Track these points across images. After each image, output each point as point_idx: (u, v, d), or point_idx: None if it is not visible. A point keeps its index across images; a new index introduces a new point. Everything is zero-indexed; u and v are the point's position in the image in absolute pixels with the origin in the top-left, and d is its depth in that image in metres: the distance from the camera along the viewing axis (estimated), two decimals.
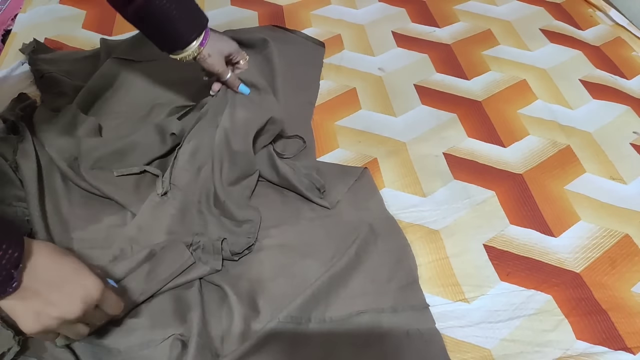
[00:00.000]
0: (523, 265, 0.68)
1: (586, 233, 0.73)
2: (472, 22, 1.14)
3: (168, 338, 0.55)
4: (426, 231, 0.71)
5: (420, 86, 0.95)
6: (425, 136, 0.85)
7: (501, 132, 0.87)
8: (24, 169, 0.68)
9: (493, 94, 0.95)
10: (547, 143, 0.86)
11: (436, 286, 0.65)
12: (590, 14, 1.22)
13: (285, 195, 0.73)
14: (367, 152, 0.81)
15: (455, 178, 0.78)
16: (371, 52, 1.02)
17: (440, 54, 1.03)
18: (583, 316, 0.63)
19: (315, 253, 0.66)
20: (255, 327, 0.58)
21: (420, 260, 0.67)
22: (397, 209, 0.73)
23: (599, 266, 0.69)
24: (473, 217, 0.73)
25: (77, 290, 0.45)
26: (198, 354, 0.53)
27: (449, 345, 0.59)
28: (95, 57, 0.91)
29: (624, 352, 0.60)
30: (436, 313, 0.62)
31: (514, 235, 0.72)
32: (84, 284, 0.46)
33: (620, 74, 1.04)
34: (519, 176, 0.80)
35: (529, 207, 0.75)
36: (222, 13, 1.08)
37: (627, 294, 0.66)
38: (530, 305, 0.64)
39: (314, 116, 0.86)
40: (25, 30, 0.96)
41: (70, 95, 0.81)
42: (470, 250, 0.69)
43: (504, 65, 1.02)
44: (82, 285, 0.46)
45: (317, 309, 0.60)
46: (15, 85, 0.84)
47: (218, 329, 0.57)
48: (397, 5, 1.16)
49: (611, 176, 0.82)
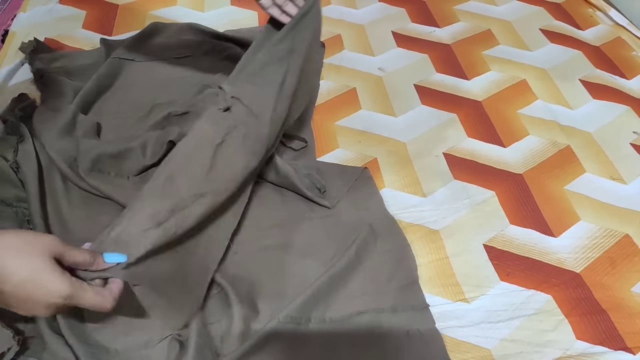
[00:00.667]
0: (523, 265, 0.68)
1: (586, 233, 0.73)
2: (472, 22, 1.14)
3: (166, 338, 0.54)
4: (426, 231, 0.71)
5: (420, 86, 0.95)
6: (425, 136, 0.85)
7: (501, 132, 0.87)
8: (25, 169, 0.68)
9: (493, 94, 0.95)
10: (547, 143, 0.86)
11: (436, 286, 0.65)
12: (590, 14, 1.22)
13: (285, 195, 0.73)
14: (367, 152, 0.81)
15: (455, 178, 0.78)
16: (371, 52, 1.02)
17: (440, 54, 1.03)
18: (583, 316, 0.63)
19: (315, 253, 0.66)
20: (255, 327, 0.58)
21: (420, 260, 0.67)
22: (397, 209, 0.73)
23: (599, 266, 0.69)
24: (473, 217, 0.73)
25: (38, 297, 0.42)
26: (198, 354, 0.53)
27: (449, 345, 0.59)
28: (95, 57, 0.91)
29: (624, 352, 0.60)
30: (436, 313, 0.62)
31: (514, 235, 0.72)
32: (46, 291, 0.42)
33: (620, 74, 1.04)
34: (519, 176, 0.80)
35: (529, 207, 0.75)
36: (222, 13, 1.09)
37: (627, 294, 0.66)
38: (530, 305, 0.64)
39: (314, 116, 0.86)
40: (25, 30, 0.96)
41: (70, 95, 0.81)
42: (470, 250, 0.69)
43: (504, 65, 1.02)
44: (43, 293, 0.42)
45: (317, 309, 0.60)
46: (15, 85, 0.84)
47: (218, 329, 0.57)
48: (397, 5, 1.16)
49: (611, 176, 0.82)
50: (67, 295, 0.43)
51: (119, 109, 0.82)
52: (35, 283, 0.42)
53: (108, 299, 0.47)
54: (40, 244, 0.43)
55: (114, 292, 0.48)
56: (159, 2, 1.08)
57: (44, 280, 0.42)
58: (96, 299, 0.46)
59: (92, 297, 0.45)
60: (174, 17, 1.04)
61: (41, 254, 0.43)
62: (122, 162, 0.71)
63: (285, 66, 0.66)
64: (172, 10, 1.07)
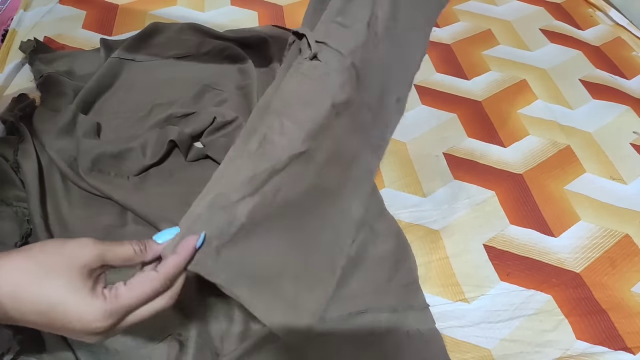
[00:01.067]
0: (523, 265, 0.68)
1: (586, 233, 0.73)
2: (472, 22, 1.14)
3: (166, 338, 0.54)
4: (426, 231, 0.71)
5: (420, 86, 0.95)
6: (425, 136, 0.85)
7: (501, 132, 0.87)
8: (26, 169, 0.68)
9: (493, 94, 0.95)
10: (547, 143, 0.86)
11: (436, 286, 0.65)
12: (590, 14, 1.22)
13: None
14: None
15: (455, 178, 0.78)
16: None
17: (440, 54, 1.03)
18: (583, 316, 0.63)
19: None
20: (255, 327, 0.58)
21: (420, 260, 0.67)
22: (397, 209, 0.73)
23: (599, 266, 0.69)
24: (473, 217, 0.73)
25: (76, 328, 0.34)
26: (198, 353, 0.53)
27: (449, 345, 0.59)
28: (95, 57, 0.91)
29: (624, 352, 0.60)
30: (436, 313, 0.62)
31: (514, 235, 0.72)
32: (82, 322, 0.34)
33: (620, 74, 1.04)
34: (519, 176, 0.80)
35: (529, 207, 0.75)
36: (222, 13, 1.08)
37: (627, 294, 0.66)
38: (530, 305, 0.64)
39: None
40: (25, 30, 0.96)
41: (70, 95, 0.81)
42: (470, 250, 0.69)
43: (504, 65, 1.02)
44: (80, 324, 0.34)
45: None
46: (15, 85, 0.84)
47: (218, 329, 0.57)
48: None
49: (611, 176, 0.82)
50: (108, 314, 0.34)
51: (119, 109, 0.82)
52: (63, 315, 0.34)
53: (162, 277, 0.36)
54: (66, 259, 0.35)
55: (169, 266, 0.37)
56: (159, 2, 1.08)
57: (72, 310, 0.34)
58: (145, 287, 0.36)
59: (139, 290, 0.36)
60: (174, 17, 1.04)
61: (63, 274, 0.34)
62: (122, 162, 0.71)
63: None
64: (172, 10, 1.07)
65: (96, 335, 0.35)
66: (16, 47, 0.91)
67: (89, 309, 0.34)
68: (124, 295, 0.35)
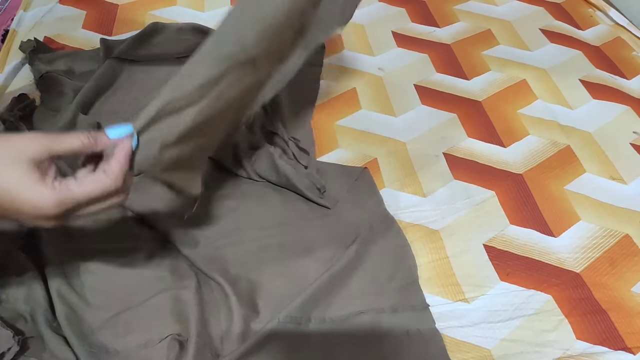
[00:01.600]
0: (523, 265, 0.68)
1: (586, 233, 0.73)
2: (472, 22, 1.14)
3: (165, 338, 0.54)
4: (426, 231, 0.71)
5: (420, 86, 0.95)
6: (425, 136, 0.85)
7: (501, 132, 0.87)
8: None
9: (493, 94, 0.95)
10: (547, 143, 0.86)
11: (436, 286, 0.65)
12: (590, 14, 1.22)
13: (285, 195, 0.73)
14: (367, 152, 0.81)
15: (455, 178, 0.78)
16: (371, 52, 1.02)
17: (440, 54, 1.03)
18: (583, 316, 0.63)
19: (315, 253, 0.66)
20: (255, 327, 0.58)
21: (420, 260, 0.67)
22: (397, 209, 0.73)
23: (599, 266, 0.69)
24: (473, 217, 0.73)
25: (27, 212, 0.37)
26: (197, 354, 0.53)
27: (449, 345, 0.59)
28: (95, 57, 0.91)
29: (624, 352, 0.60)
30: (436, 313, 0.62)
31: (514, 235, 0.72)
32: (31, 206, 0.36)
33: (620, 74, 1.04)
34: (519, 176, 0.80)
35: (529, 207, 0.75)
36: (222, 13, 1.08)
37: (627, 294, 0.66)
38: (530, 305, 0.64)
39: (314, 116, 0.86)
40: (25, 30, 0.96)
41: (70, 95, 0.81)
42: (470, 250, 0.69)
43: (504, 65, 1.02)
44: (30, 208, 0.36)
45: (317, 309, 0.60)
46: (15, 85, 0.84)
47: (217, 329, 0.57)
48: (397, 5, 1.16)
49: (611, 176, 0.82)
50: (56, 202, 0.37)
51: (119, 109, 0.82)
52: (14, 199, 0.36)
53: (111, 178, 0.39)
54: (13, 151, 0.37)
55: (113, 168, 0.40)
56: (159, 2, 1.08)
57: (23, 195, 0.36)
58: (95, 186, 0.39)
59: (89, 188, 0.38)
60: (174, 17, 1.04)
61: (15, 162, 0.36)
62: None
63: None
64: (172, 10, 1.07)
65: (48, 220, 0.38)
66: (16, 47, 0.91)
67: (37, 196, 0.36)
68: (74, 189, 0.38)
